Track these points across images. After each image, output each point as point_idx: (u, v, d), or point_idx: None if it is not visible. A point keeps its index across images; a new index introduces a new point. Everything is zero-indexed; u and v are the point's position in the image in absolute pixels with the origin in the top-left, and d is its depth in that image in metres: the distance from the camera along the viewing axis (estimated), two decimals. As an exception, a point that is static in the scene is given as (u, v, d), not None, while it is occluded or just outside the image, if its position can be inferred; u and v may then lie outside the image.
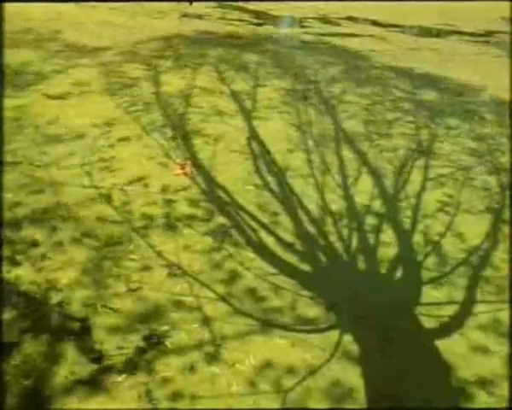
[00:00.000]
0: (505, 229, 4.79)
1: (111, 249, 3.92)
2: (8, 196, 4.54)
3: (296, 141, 6.50)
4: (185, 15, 16.85)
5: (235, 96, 8.25)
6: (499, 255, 4.34)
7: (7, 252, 3.77)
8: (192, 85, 8.57)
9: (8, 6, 14.37)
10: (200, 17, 16.88)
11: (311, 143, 6.48)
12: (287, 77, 9.72)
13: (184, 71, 9.49)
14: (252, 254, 4.02)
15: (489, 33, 18.84)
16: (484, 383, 3.01)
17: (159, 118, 6.92)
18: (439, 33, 18.26)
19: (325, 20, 18.86)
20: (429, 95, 9.38)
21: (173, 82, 8.66)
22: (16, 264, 3.66)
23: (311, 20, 18.27)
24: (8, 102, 6.91)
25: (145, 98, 7.69)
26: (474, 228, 4.75)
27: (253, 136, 6.57)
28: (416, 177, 5.76)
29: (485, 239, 4.58)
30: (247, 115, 7.35)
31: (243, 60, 10.83)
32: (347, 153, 6.27)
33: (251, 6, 20.79)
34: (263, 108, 7.76)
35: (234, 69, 9.97)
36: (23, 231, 4.06)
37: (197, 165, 5.56)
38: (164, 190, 4.94)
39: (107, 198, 4.68)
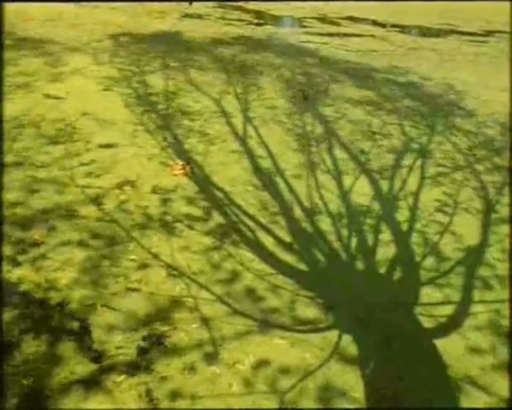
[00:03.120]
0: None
1: (110, 249, 3.93)
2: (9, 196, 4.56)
3: (296, 140, 6.51)
4: (185, 15, 16.86)
5: (232, 95, 8.25)
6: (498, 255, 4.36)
7: (7, 252, 3.78)
8: (187, 84, 8.58)
9: (8, 6, 14.37)
10: (200, 17, 16.88)
11: (309, 142, 6.49)
12: (287, 77, 9.72)
13: (184, 70, 9.50)
14: (251, 255, 4.02)
15: (488, 33, 18.83)
16: (482, 382, 3.02)
17: (159, 117, 6.93)
18: (438, 33, 18.25)
19: (325, 20, 18.85)
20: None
21: (172, 81, 8.67)
22: (16, 264, 3.66)
23: (311, 20, 18.26)
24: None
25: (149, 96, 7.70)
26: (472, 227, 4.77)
27: (253, 136, 6.58)
28: (415, 176, 5.77)
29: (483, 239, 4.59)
30: (247, 116, 7.35)
31: (241, 58, 10.83)
32: (347, 153, 6.27)
33: (251, 6, 20.78)
34: (263, 108, 7.76)
35: (229, 68, 9.97)
36: (23, 231, 4.06)
37: (195, 164, 5.57)
38: (163, 189, 4.95)
39: (107, 198, 4.69)
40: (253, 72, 9.92)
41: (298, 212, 4.76)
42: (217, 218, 4.52)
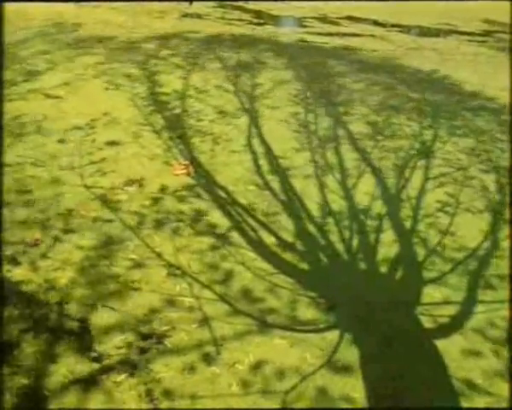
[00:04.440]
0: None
1: (110, 249, 3.92)
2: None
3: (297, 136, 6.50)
4: (185, 15, 16.84)
5: (236, 95, 8.25)
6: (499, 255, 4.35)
7: (6, 252, 3.78)
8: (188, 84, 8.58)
9: (8, 6, 14.36)
10: (200, 17, 16.87)
11: (314, 141, 6.48)
12: (288, 76, 9.71)
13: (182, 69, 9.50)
14: (252, 254, 4.02)
15: (488, 33, 18.82)
16: (482, 382, 3.02)
17: (162, 117, 6.93)
18: (438, 33, 18.25)
19: (325, 20, 18.84)
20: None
21: (171, 81, 8.67)
22: (15, 264, 3.66)
23: (311, 20, 18.25)
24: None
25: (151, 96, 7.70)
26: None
27: (256, 136, 6.57)
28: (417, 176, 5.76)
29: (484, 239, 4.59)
30: (251, 115, 7.35)
31: (243, 58, 10.82)
32: (352, 152, 6.26)
33: (251, 6, 20.76)
34: (267, 107, 7.76)
35: (231, 67, 9.96)
36: (22, 231, 4.06)
37: (198, 164, 5.57)
38: (165, 189, 4.95)
39: (107, 197, 4.69)
40: (254, 71, 9.91)
41: (299, 211, 4.75)
42: (218, 217, 4.52)
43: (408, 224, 4.72)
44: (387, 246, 4.31)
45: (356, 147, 6.46)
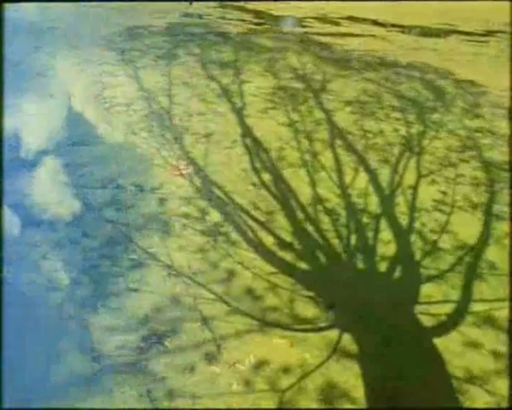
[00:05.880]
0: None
1: (110, 249, 3.93)
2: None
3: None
4: (185, 15, 16.85)
5: (230, 94, 8.25)
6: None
7: (8, 252, 3.79)
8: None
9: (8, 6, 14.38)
10: (200, 17, 16.88)
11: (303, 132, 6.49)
12: (284, 76, 9.72)
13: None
14: (251, 254, 4.03)
15: (488, 33, 18.82)
16: (482, 381, 3.02)
17: (155, 116, 6.94)
18: (439, 33, 18.25)
19: (325, 20, 18.85)
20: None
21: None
22: (17, 264, 3.67)
23: (311, 20, 18.26)
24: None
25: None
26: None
27: (251, 134, 6.58)
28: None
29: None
30: (245, 114, 7.35)
31: (239, 57, 10.84)
32: (347, 150, 6.27)
33: (251, 6, 20.77)
34: (261, 106, 7.76)
35: (226, 66, 9.97)
36: (23, 231, 4.07)
37: (194, 164, 5.57)
38: (162, 190, 4.96)
39: (107, 198, 4.70)
40: (249, 70, 9.91)
41: (298, 210, 4.76)
42: (216, 217, 4.52)
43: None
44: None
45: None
